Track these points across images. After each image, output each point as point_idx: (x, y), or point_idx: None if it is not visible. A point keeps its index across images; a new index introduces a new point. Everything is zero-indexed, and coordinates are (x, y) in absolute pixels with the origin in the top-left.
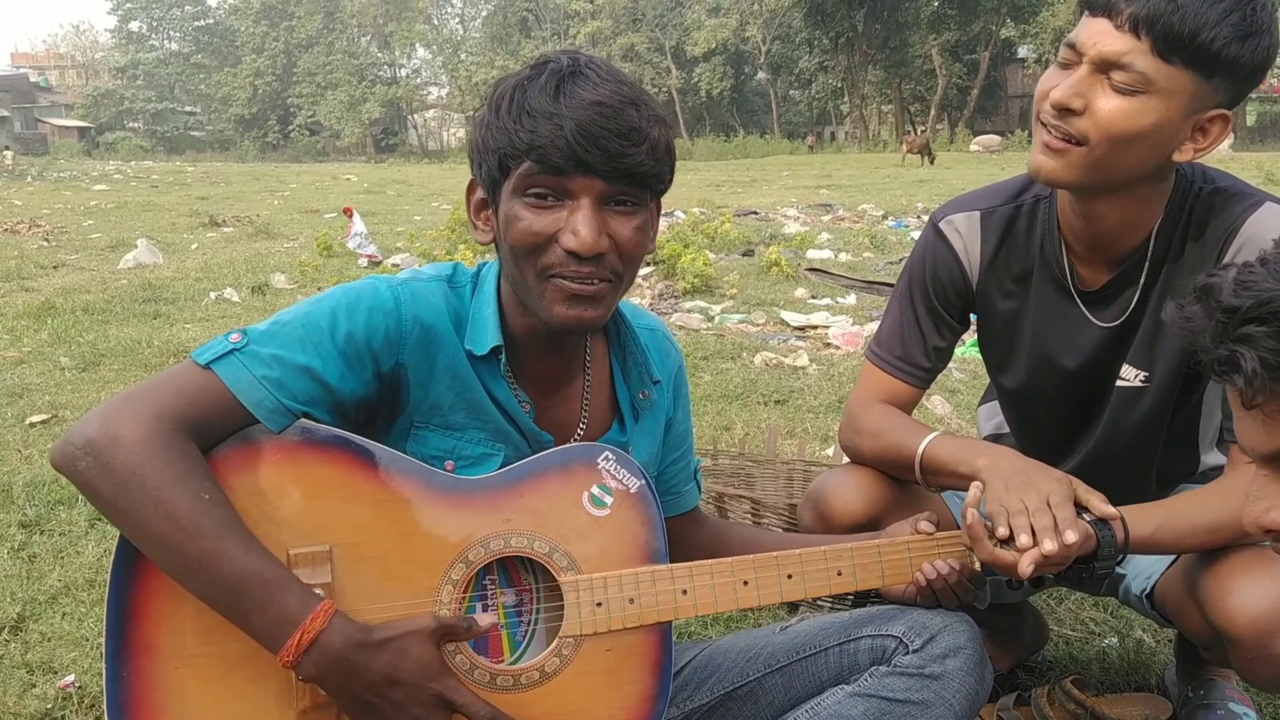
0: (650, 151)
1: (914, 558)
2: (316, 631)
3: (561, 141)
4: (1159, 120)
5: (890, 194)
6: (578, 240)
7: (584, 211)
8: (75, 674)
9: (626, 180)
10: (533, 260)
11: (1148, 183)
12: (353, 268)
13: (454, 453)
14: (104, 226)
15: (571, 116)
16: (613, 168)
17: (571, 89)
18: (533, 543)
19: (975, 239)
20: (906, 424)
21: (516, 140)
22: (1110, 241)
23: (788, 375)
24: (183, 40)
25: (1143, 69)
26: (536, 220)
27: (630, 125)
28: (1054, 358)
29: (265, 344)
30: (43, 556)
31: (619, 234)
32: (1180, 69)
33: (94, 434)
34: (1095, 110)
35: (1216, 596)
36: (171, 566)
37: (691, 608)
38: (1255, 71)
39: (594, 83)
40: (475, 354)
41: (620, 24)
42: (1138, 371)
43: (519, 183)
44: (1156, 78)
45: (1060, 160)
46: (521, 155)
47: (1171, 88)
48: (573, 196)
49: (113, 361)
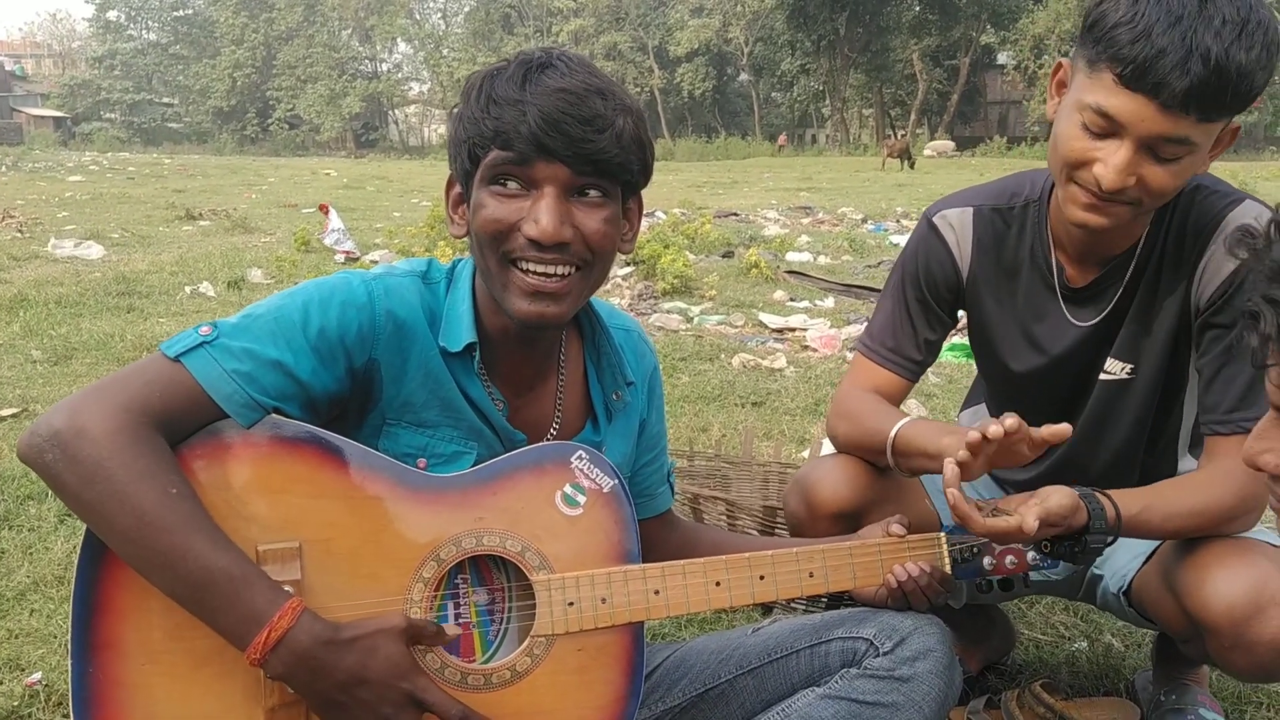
0: (615, 140)
1: (885, 559)
2: (284, 629)
3: (525, 127)
4: (1198, 164)
5: (870, 198)
6: (539, 228)
7: (547, 200)
8: (42, 671)
9: (591, 168)
10: (495, 248)
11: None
12: (330, 263)
13: (426, 450)
14: (79, 218)
15: (535, 103)
16: (575, 153)
17: (539, 78)
18: (505, 541)
19: (968, 234)
20: (884, 409)
21: (483, 128)
22: (1106, 246)
23: (765, 377)
24: (161, 30)
25: (1194, 139)
26: (500, 208)
27: (594, 112)
28: (1038, 352)
29: (236, 337)
30: (10, 552)
31: (585, 225)
32: (1218, 121)
33: (60, 426)
34: (1146, 181)
35: (1193, 586)
36: (138, 561)
37: (664, 608)
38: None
39: (562, 73)
40: (449, 350)
41: (603, 22)
42: (1123, 364)
43: (486, 172)
44: (1201, 140)
45: (1110, 216)
46: (488, 143)
47: (1210, 137)
48: (537, 185)
49: (85, 355)
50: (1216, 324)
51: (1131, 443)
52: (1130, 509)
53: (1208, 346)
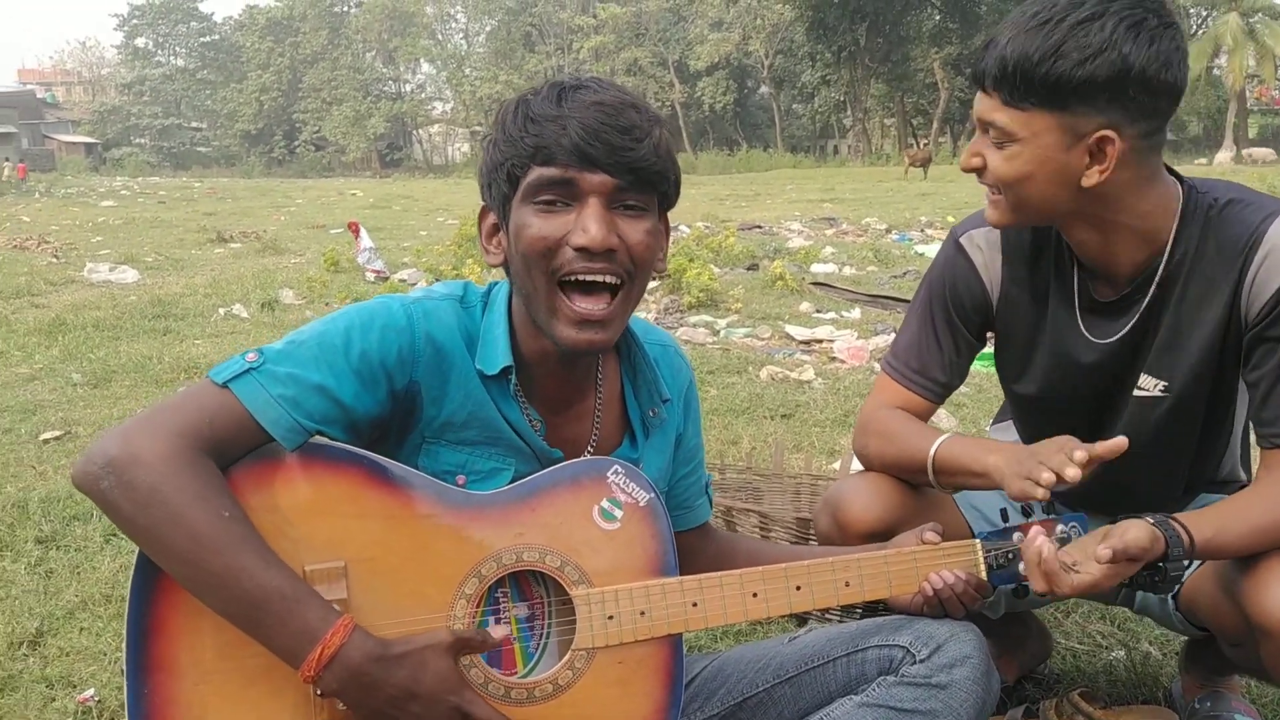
0: (654, 149)
1: (920, 568)
2: (337, 646)
3: (566, 140)
4: (1035, 160)
5: (894, 207)
6: (588, 236)
7: (592, 209)
8: (95, 688)
9: (632, 176)
10: (544, 265)
11: (1100, 208)
12: (360, 283)
13: (465, 467)
14: (112, 243)
15: (574, 117)
16: (616, 162)
17: (574, 95)
18: (544, 556)
19: (995, 255)
20: (919, 427)
21: (523, 147)
22: (1111, 260)
23: (793, 389)
24: (189, 56)
25: (1002, 123)
26: (546, 224)
27: (631, 122)
28: (1067, 371)
29: (281, 363)
30: (59, 572)
31: (628, 236)
32: (1034, 110)
33: (115, 453)
34: (989, 166)
35: (1256, 591)
36: (193, 583)
37: (701, 620)
38: (1125, 85)
39: (594, 90)
40: (486, 373)
41: (623, 38)
42: (1156, 381)
43: (528, 191)
44: (1015, 127)
45: (994, 209)
46: (528, 161)
47: (1032, 130)
48: (581, 198)
49: (124, 378)
50: (1269, 337)
51: (1175, 459)
52: (1204, 533)
53: (1260, 360)
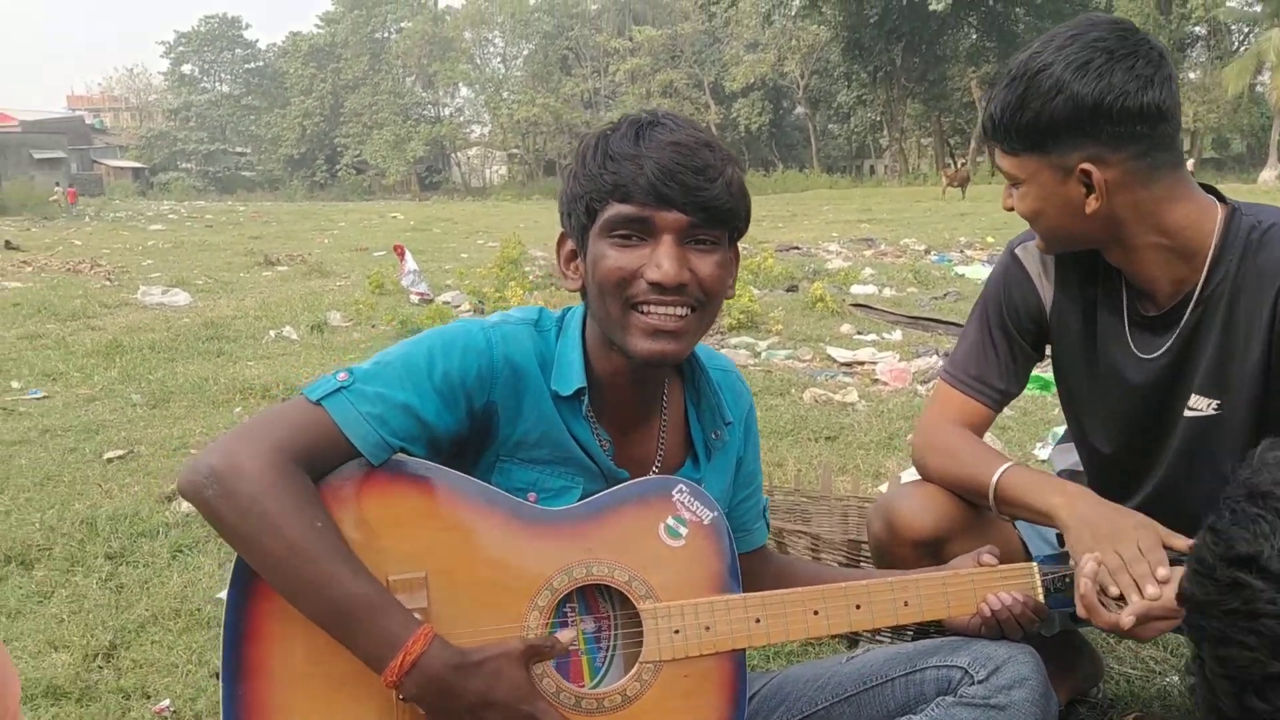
0: (726, 187)
1: (978, 589)
2: (418, 654)
3: (643, 179)
4: (1041, 197)
5: (932, 228)
6: (661, 272)
7: (666, 246)
8: (170, 698)
9: (705, 214)
10: (618, 294)
11: (1119, 230)
12: (405, 305)
13: (536, 485)
14: (163, 266)
15: (651, 156)
16: (690, 201)
17: (650, 134)
18: (613, 571)
19: (1050, 266)
20: (981, 450)
21: (602, 183)
22: (1148, 277)
23: (837, 411)
24: (233, 82)
25: (1006, 169)
26: (622, 257)
27: (705, 162)
28: (1117, 388)
29: (369, 382)
30: (130, 586)
31: (700, 269)
32: (1024, 155)
33: (218, 464)
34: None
35: None
36: (287, 588)
37: (764, 636)
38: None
39: (670, 129)
40: (560, 394)
41: (659, 61)
42: (1209, 400)
43: (605, 225)
44: (1015, 171)
45: (1037, 239)
46: (606, 197)
47: (1028, 172)
48: (655, 234)
49: (181, 398)
50: None
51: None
52: None
53: None
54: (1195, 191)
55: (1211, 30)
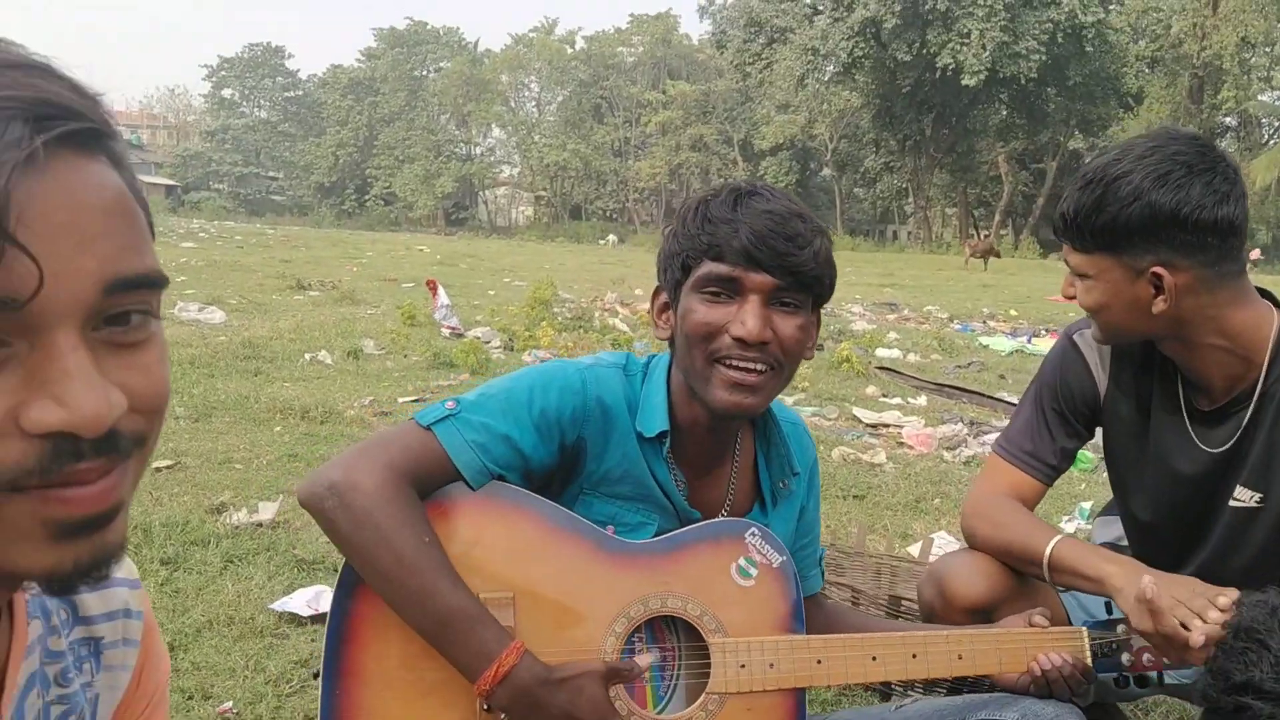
0: (814, 256)
1: (1030, 648)
2: (510, 666)
3: (737, 242)
4: (1108, 293)
5: (955, 297)
6: (745, 329)
7: (752, 305)
8: (232, 701)
9: (791, 279)
10: (703, 347)
11: (1182, 330)
12: (438, 339)
13: (615, 519)
14: (196, 284)
15: (746, 222)
16: (779, 265)
17: (748, 202)
18: (686, 605)
19: (1106, 355)
20: (1032, 521)
21: (699, 242)
22: (1205, 375)
23: (865, 471)
24: (272, 109)
25: (1075, 264)
26: (710, 312)
27: (796, 232)
28: (1168, 476)
29: (474, 412)
30: (185, 592)
31: (782, 330)
32: (1096, 253)
33: (337, 478)
34: (1078, 296)
35: None
36: (393, 597)
37: (825, 677)
38: (1158, 228)
39: (766, 198)
40: (644, 435)
41: (691, 115)
42: (1252, 493)
43: (698, 281)
44: (1085, 267)
45: (1095, 329)
46: (701, 255)
47: (1098, 269)
48: (743, 293)
49: (223, 414)
50: None
51: (1264, 567)
52: None
53: None
54: (1254, 298)
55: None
